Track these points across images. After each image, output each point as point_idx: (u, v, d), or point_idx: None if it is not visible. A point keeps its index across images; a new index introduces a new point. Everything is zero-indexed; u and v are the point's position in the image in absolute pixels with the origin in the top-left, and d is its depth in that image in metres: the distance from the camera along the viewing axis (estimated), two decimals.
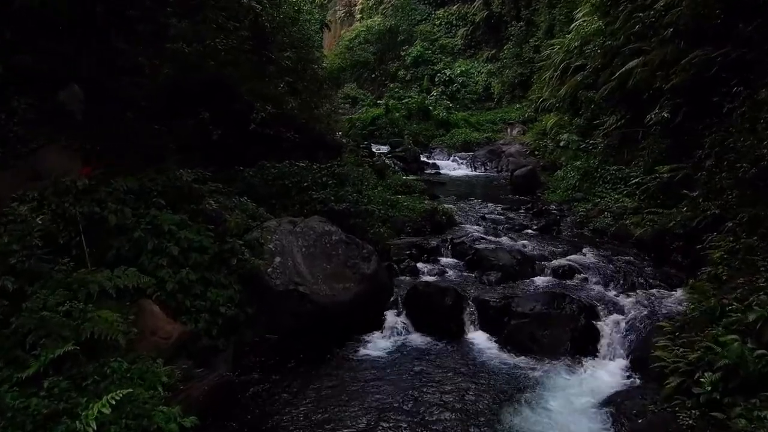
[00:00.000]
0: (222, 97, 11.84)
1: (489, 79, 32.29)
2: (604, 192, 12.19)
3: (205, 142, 11.06)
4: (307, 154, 13.61)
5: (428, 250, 9.30)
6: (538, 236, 10.54)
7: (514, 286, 7.92)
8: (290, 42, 15.61)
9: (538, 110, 25.12)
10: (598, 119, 14.91)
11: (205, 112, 10.96)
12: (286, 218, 7.86)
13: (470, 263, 8.77)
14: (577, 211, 12.06)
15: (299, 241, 7.40)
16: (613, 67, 14.08)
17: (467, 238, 10.05)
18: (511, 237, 10.34)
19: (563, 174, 14.16)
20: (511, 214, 12.32)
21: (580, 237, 10.61)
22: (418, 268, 8.53)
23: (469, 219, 11.72)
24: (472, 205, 13.28)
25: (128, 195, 6.38)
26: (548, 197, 13.91)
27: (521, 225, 11.16)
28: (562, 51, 19.89)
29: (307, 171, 9.00)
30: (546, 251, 9.37)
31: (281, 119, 12.66)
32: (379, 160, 18.09)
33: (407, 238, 10.03)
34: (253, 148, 11.96)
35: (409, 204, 11.17)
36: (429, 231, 10.40)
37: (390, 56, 37.39)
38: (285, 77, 13.68)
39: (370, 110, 27.95)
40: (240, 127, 11.68)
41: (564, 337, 6.48)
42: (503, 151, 21.81)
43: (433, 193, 14.47)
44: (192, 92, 11.38)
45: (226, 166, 10.69)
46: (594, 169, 13.13)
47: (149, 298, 5.68)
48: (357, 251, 7.61)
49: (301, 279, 6.97)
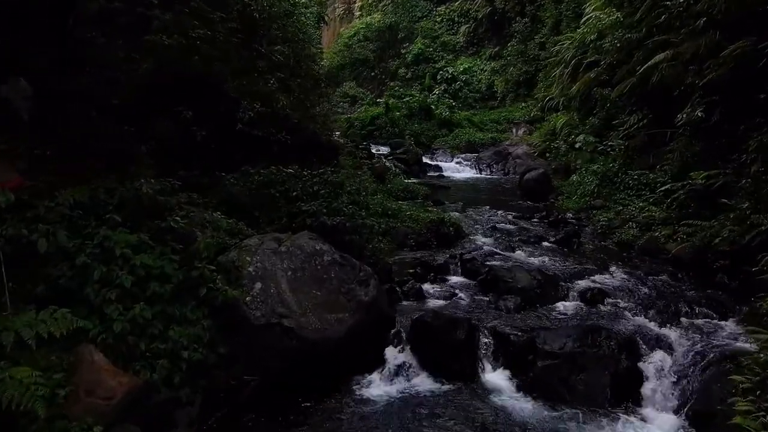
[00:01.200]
0: (206, 94, 10.78)
1: (492, 77, 31.22)
2: (626, 199, 11.06)
3: (188, 144, 10.03)
4: (300, 157, 12.48)
5: (435, 268, 8.17)
6: (557, 250, 9.41)
7: (536, 315, 6.78)
8: (284, 36, 14.47)
9: (544, 109, 24.12)
10: (616, 119, 13.77)
11: (188, 111, 9.91)
12: (270, 235, 6.72)
13: (483, 284, 7.64)
14: (597, 220, 10.93)
15: (284, 263, 6.26)
16: (633, 62, 12.94)
17: (478, 253, 8.92)
18: (526, 251, 9.21)
19: (579, 178, 13.02)
20: (524, 224, 11.18)
21: (604, 251, 9.47)
22: (423, 291, 7.40)
23: (479, 229, 10.59)
24: (481, 213, 12.15)
25: (75, 211, 5.26)
26: (563, 204, 12.78)
27: (537, 237, 10.03)
28: (572, 46, 18.76)
29: (297, 178, 7.87)
30: (568, 269, 8.24)
31: (271, 119, 11.59)
32: (378, 162, 16.98)
33: (410, 253, 8.91)
34: (240, 150, 10.91)
35: (413, 213, 10.04)
36: (435, 244, 9.28)
37: (390, 54, 36.48)
38: (277, 73, 12.56)
39: (369, 109, 26.83)
40: (226, 127, 10.61)
41: (602, 383, 5.35)
42: (509, 152, 20.71)
43: (437, 198, 13.36)
44: (173, 89, 10.31)
45: (210, 171, 9.64)
46: (614, 174, 12.00)
47: (93, 342, 4.57)
48: (353, 274, 6.48)
49: (285, 309, 5.84)
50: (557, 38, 24.85)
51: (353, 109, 29.88)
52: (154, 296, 5.02)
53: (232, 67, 11.38)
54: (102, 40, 10.45)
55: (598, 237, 10.20)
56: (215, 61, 11.00)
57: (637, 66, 12.43)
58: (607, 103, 14.87)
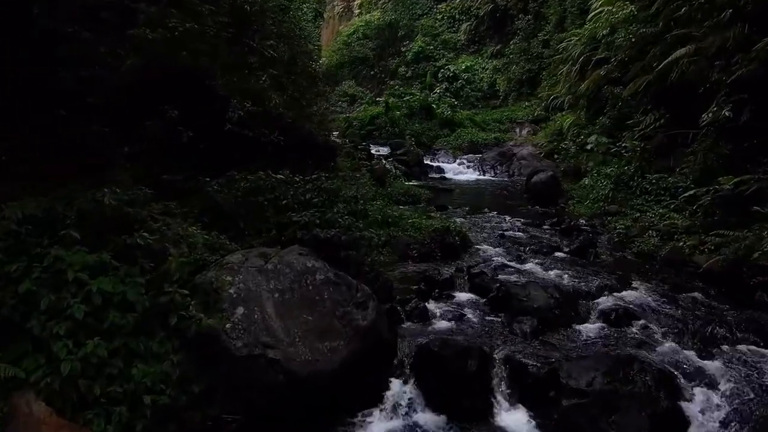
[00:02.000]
0: (193, 92, 10.01)
1: (494, 75, 30.47)
2: (644, 205, 10.30)
3: (173, 145, 9.26)
4: (295, 159, 11.70)
5: (440, 284, 7.40)
6: (573, 261, 8.64)
7: (556, 340, 6.01)
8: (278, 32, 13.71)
9: (549, 108, 23.43)
10: (630, 118, 13.00)
11: (174, 110, 9.14)
12: (256, 250, 5.95)
13: (495, 302, 6.87)
14: (613, 227, 10.16)
15: (271, 284, 5.50)
16: (648, 58, 12.18)
17: (487, 265, 8.16)
18: (539, 263, 8.44)
19: (592, 182, 12.24)
20: (534, 231, 10.41)
21: (623, 263, 8.70)
22: (428, 310, 6.63)
23: (486, 238, 9.82)
24: (487, 219, 11.38)
25: (24, 226, 4.49)
26: (574, 209, 12.01)
27: (549, 246, 9.25)
28: (580, 43, 17.99)
29: (287, 185, 7.10)
30: (587, 284, 7.47)
31: (264, 118, 10.83)
32: (378, 163, 16.20)
33: (413, 266, 8.14)
34: (230, 152, 10.15)
35: (415, 221, 9.27)
36: (439, 256, 8.51)
37: (390, 52, 35.81)
38: (269, 70, 11.80)
39: (368, 109, 26.05)
40: (214, 127, 9.86)
41: (639, 426, 4.58)
42: (514, 153, 19.95)
43: (440, 203, 12.59)
44: (158, 87, 9.54)
45: (198, 175, 8.91)
46: (629, 177, 11.22)
47: (34, 387, 3.81)
48: (349, 295, 5.71)
49: (271, 338, 5.08)
50: (562, 35, 24.15)
51: (352, 109, 29.12)
52: (114, 329, 4.26)
53: (221, 63, 10.64)
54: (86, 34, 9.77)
55: (616, 246, 9.43)
56: (203, 57, 10.29)
57: (653, 62, 11.67)
58: (619, 101, 14.11)
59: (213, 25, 10.51)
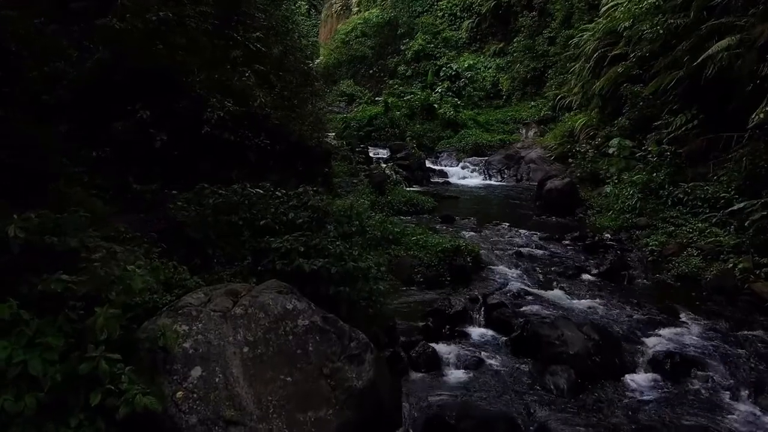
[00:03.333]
0: (168, 90, 8.83)
1: (497, 74, 29.29)
2: (679, 218, 9.07)
3: (145, 151, 8.14)
4: (282, 165, 10.49)
5: (451, 318, 6.17)
6: (604, 286, 7.41)
7: (601, 399, 4.78)
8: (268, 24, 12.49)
9: (556, 108, 22.29)
10: (655, 119, 11.77)
11: (145, 111, 7.98)
12: (223, 287, 4.71)
13: (519, 344, 5.64)
14: (644, 243, 8.92)
15: (240, 334, 4.26)
16: (676, 52, 10.96)
17: (505, 293, 6.93)
18: (565, 289, 7.22)
19: (615, 190, 11.00)
20: (554, 247, 9.18)
21: (663, 288, 7.47)
22: (438, 355, 5.41)
23: (500, 256, 8.59)
24: (499, 233, 10.14)
25: None
26: (596, 221, 10.76)
27: (574, 267, 8.02)
28: (593, 39, 16.76)
29: (268, 200, 5.84)
30: (628, 319, 6.24)
31: (247, 120, 9.62)
32: (377, 168, 14.98)
33: (418, 293, 6.91)
34: (207, 158, 8.96)
35: (420, 237, 8.02)
36: (449, 280, 7.27)
37: (389, 50, 34.71)
38: (255, 65, 10.57)
39: (367, 108, 24.79)
40: (189, 130, 8.69)
41: None
42: (522, 156, 18.74)
43: (446, 213, 11.33)
44: (129, 83, 8.40)
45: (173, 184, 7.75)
46: (659, 185, 9.99)
47: None
48: (340, 346, 4.48)
49: (237, 411, 3.85)
50: (569, 32, 23.06)
51: (350, 109, 27.89)
52: (4, 416, 3.03)
53: (201, 57, 9.44)
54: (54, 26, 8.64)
55: (650, 267, 8.19)
56: (181, 51, 9.11)
57: (683, 57, 10.44)
58: (640, 101, 12.88)
59: (194, 15, 9.34)
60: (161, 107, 8.51)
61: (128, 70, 8.34)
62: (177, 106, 8.67)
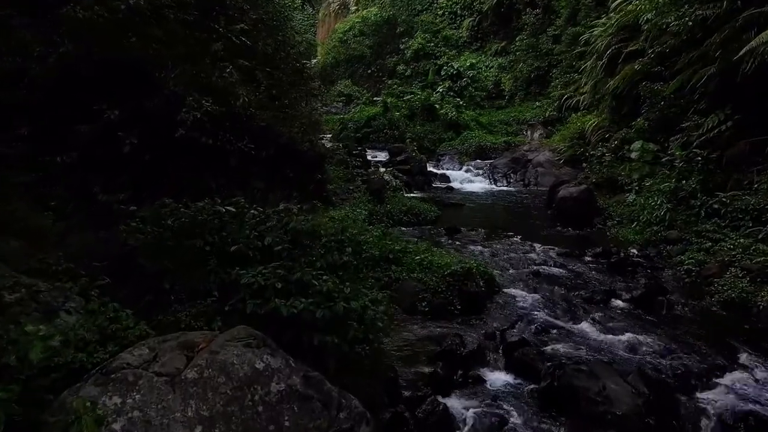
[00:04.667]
0: (139, 88, 7.82)
1: (499, 74, 28.35)
2: (717, 232, 8.01)
3: (112, 156, 7.15)
4: (269, 172, 9.44)
5: (464, 359, 5.11)
6: (640, 317, 6.34)
7: None
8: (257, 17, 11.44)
9: (562, 109, 21.37)
10: (678, 120, 10.72)
11: (113, 111, 6.98)
12: (174, 340, 3.63)
13: (548, 396, 4.58)
14: (678, 261, 7.86)
15: (191, 408, 3.19)
16: (705, 46, 9.91)
17: (526, 325, 5.87)
18: (596, 320, 6.15)
19: (640, 199, 9.91)
20: (575, 265, 8.10)
21: (710, 319, 6.39)
22: (450, 414, 4.33)
23: (516, 277, 7.52)
24: (512, 247, 9.06)
25: None
26: (618, 233, 9.68)
27: (603, 291, 6.94)
28: (605, 34, 15.72)
29: (242, 220, 4.77)
30: (678, 362, 5.16)
31: (229, 121, 8.58)
32: (375, 173, 13.92)
33: (423, 326, 5.84)
34: (183, 165, 7.95)
35: (425, 256, 6.94)
36: (458, 309, 6.20)
37: (388, 50, 33.84)
38: (239, 60, 9.51)
39: (365, 109, 23.74)
40: (162, 133, 7.68)
41: None
42: (529, 159, 17.68)
43: (451, 225, 10.25)
44: (97, 80, 7.40)
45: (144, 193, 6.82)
46: (690, 194, 8.92)
47: None
48: (326, 417, 3.43)
49: None
50: (575, 29, 22.17)
51: (348, 110, 26.85)
52: None
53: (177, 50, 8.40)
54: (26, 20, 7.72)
55: (689, 290, 7.11)
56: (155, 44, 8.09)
57: (715, 51, 9.40)
58: (661, 100, 11.84)
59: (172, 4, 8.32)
60: (132, 107, 7.50)
61: (97, 64, 7.36)
62: (149, 106, 7.65)
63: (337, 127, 21.57)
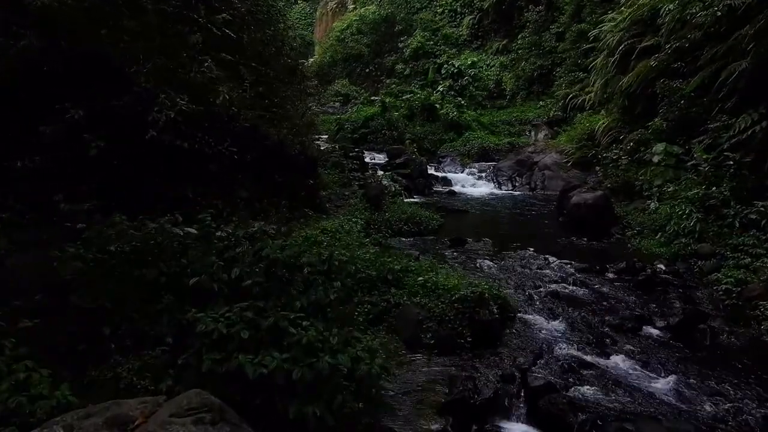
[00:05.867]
0: (106, 84, 6.99)
1: (500, 73, 27.50)
2: (757, 246, 7.11)
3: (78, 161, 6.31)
4: (255, 178, 8.54)
5: (479, 410, 4.21)
6: (680, 350, 5.44)
7: None
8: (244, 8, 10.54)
9: (567, 109, 20.47)
10: (701, 120, 9.84)
11: (78, 110, 6.11)
12: (103, 410, 2.72)
13: None
14: (713, 280, 6.97)
15: None
16: (736, 39, 9.03)
17: (549, 364, 4.97)
18: (631, 354, 5.25)
19: (665, 208, 8.99)
20: (597, 284, 7.19)
21: (762, 351, 5.49)
22: None
23: (531, 299, 6.60)
24: (524, 261, 8.15)
25: None
26: (640, 245, 8.77)
27: (633, 317, 6.04)
28: (617, 29, 14.84)
29: (206, 244, 3.86)
30: (739, 417, 4.26)
31: (208, 121, 7.72)
32: (372, 177, 13.01)
33: (427, 365, 4.93)
34: (156, 170, 7.11)
35: (428, 277, 6.02)
36: (469, 342, 5.28)
37: (386, 48, 32.98)
38: (221, 54, 8.62)
39: (363, 109, 22.82)
40: (135, 134, 6.89)
41: None
42: (535, 161, 16.78)
43: (456, 236, 9.33)
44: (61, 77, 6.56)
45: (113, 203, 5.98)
46: (722, 203, 8.04)
47: None
48: None
49: None
50: (580, 26, 21.30)
51: (345, 110, 25.94)
52: None
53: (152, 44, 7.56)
54: None
55: (731, 315, 6.22)
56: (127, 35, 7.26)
57: (748, 44, 8.51)
58: (680, 99, 10.96)
59: None
60: (99, 106, 6.65)
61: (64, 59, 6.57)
62: (118, 104, 6.80)
63: (334, 128, 20.67)
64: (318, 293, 3.45)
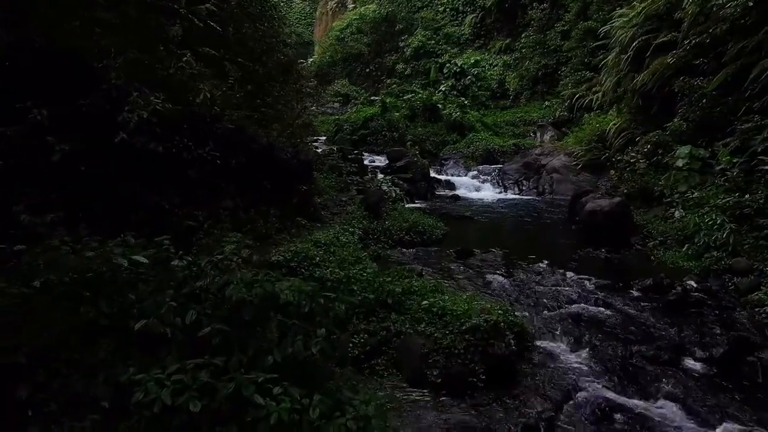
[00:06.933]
0: (74, 81, 6.27)
1: (504, 72, 26.79)
2: None
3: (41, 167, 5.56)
4: (241, 186, 7.76)
5: None
6: (729, 389, 4.67)
7: None
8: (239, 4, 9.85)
9: (574, 109, 19.77)
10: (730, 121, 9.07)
11: (41, 110, 5.35)
12: None
13: None
14: (755, 301, 6.18)
15: None
16: (765, 33, 8.26)
17: (578, 410, 4.19)
18: (674, 396, 4.48)
19: (693, 217, 8.16)
20: (622, 304, 6.40)
21: None
22: None
23: (550, 322, 5.83)
24: (538, 277, 7.36)
25: None
26: (665, 257, 7.99)
27: (670, 347, 5.27)
28: (630, 26, 14.07)
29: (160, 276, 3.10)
30: None
31: (187, 122, 6.98)
32: (371, 182, 12.26)
33: (433, 410, 4.16)
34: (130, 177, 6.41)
35: (434, 301, 5.25)
36: (483, 380, 4.51)
37: (387, 48, 32.40)
38: (204, 48, 7.87)
39: (362, 109, 22.09)
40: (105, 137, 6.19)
41: None
42: (542, 164, 16.00)
43: (462, 247, 8.54)
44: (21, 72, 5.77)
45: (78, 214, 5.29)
46: (757, 212, 7.26)
47: None
48: None
49: None
50: (586, 24, 20.62)
51: (345, 110, 25.22)
52: None
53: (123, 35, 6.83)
54: None
55: None
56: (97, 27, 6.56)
57: None
58: (702, 98, 10.20)
59: None
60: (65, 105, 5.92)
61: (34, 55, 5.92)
62: (85, 103, 6.06)
63: (332, 129, 19.93)
64: (296, 345, 2.67)
